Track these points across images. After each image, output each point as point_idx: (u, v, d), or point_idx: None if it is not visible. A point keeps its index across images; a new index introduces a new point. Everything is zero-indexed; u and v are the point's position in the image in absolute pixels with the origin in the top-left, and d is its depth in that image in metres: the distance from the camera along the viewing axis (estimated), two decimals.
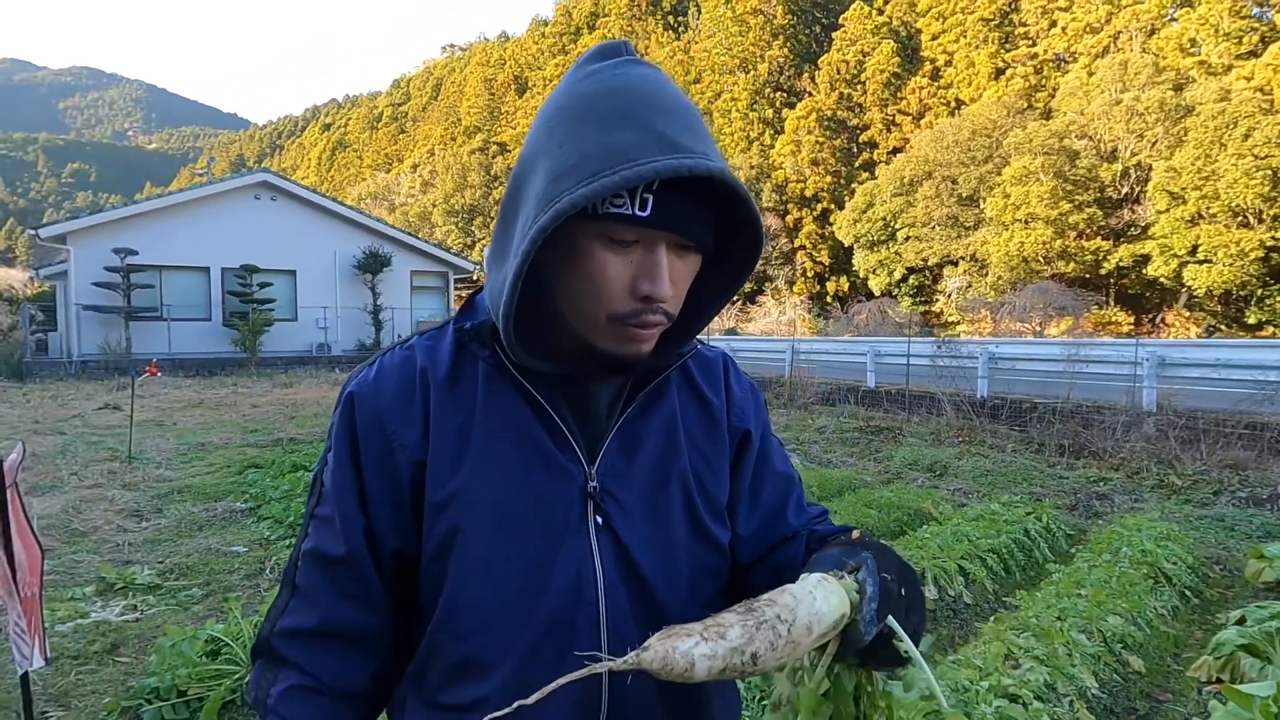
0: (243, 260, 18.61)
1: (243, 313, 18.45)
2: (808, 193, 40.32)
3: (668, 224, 0.64)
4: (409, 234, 24.03)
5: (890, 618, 0.60)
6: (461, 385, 0.73)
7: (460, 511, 0.69)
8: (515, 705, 0.52)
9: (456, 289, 23.09)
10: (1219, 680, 2.76)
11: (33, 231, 17.97)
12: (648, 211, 0.63)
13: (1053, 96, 34.01)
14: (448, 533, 0.69)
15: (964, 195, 31.76)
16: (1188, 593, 3.82)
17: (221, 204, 19.32)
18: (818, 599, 0.57)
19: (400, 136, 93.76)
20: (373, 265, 20.41)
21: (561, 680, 0.51)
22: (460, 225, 57.53)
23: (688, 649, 0.52)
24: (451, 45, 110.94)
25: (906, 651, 0.59)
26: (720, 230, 0.70)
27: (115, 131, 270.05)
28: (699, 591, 0.75)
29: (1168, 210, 26.00)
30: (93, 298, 17.26)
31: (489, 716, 0.51)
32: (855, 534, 0.68)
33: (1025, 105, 33.89)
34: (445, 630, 0.71)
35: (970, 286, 30.73)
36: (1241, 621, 3.08)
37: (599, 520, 0.72)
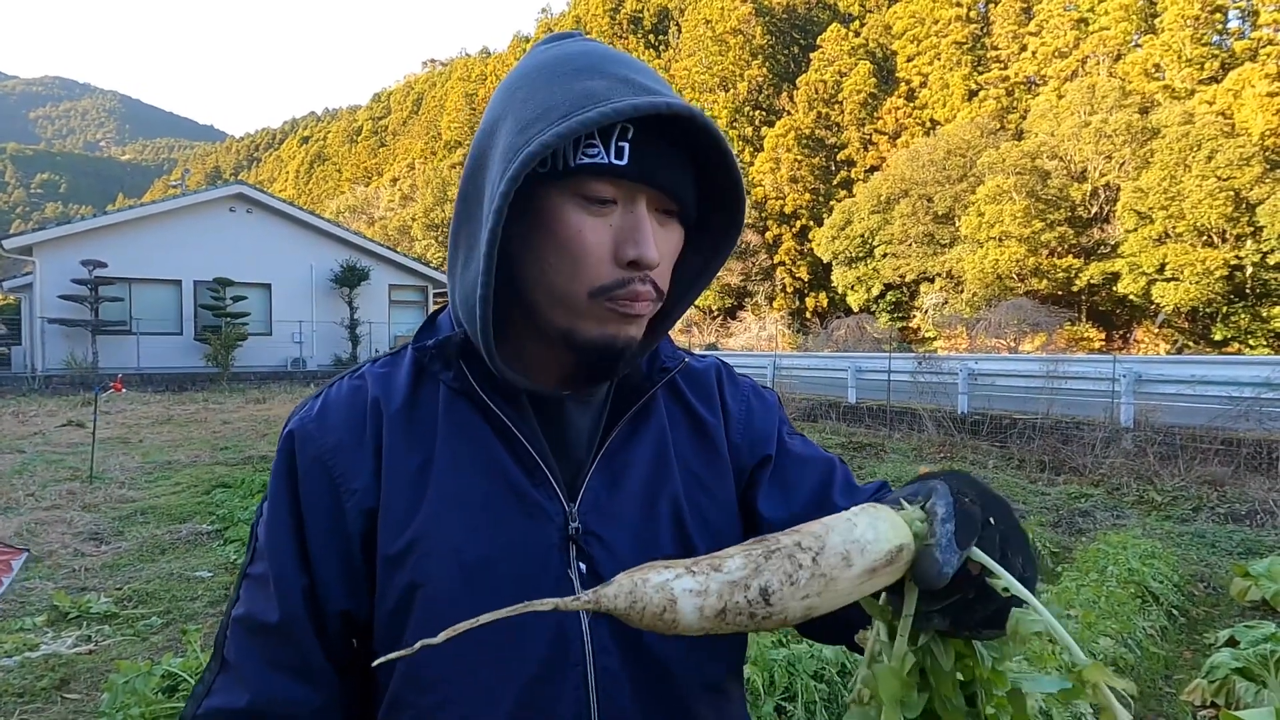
0: (216, 273, 18.24)
1: (215, 327, 18.07)
2: (787, 210, 40.77)
3: (648, 175, 0.58)
4: (388, 247, 23.78)
5: (975, 549, 0.45)
6: (420, 416, 0.64)
7: (419, 564, 0.59)
8: None
9: (435, 303, 22.88)
10: (1214, 705, 2.72)
11: None
12: (625, 160, 0.56)
13: (1024, 118, 34.90)
14: (405, 589, 0.59)
15: (939, 213, 32.31)
16: (1175, 611, 3.80)
17: (196, 216, 18.97)
18: (858, 525, 0.44)
19: (380, 150, 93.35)
20: (350, 279, 20.14)
21: None
22: (440, 239, 57.12)
23: (664, 581, 0.39)
24: (433, 60, 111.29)
25: (1007, 589, 0.44)
26: (699, 200, 0.64)
27: (87, 142, 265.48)
28: (701, 643, 0.62)
29: (1136, 229, 26.67)
30: (59, 311, 16.79)
31: None
32: (924, 469, 0.54)
33: (998, 126, 34.69)
34: (405, 707, 0.61)
35: (946, 303, 31.18)
36: (1232, 642, 3.05)
37: (583, 568, 0.61)
